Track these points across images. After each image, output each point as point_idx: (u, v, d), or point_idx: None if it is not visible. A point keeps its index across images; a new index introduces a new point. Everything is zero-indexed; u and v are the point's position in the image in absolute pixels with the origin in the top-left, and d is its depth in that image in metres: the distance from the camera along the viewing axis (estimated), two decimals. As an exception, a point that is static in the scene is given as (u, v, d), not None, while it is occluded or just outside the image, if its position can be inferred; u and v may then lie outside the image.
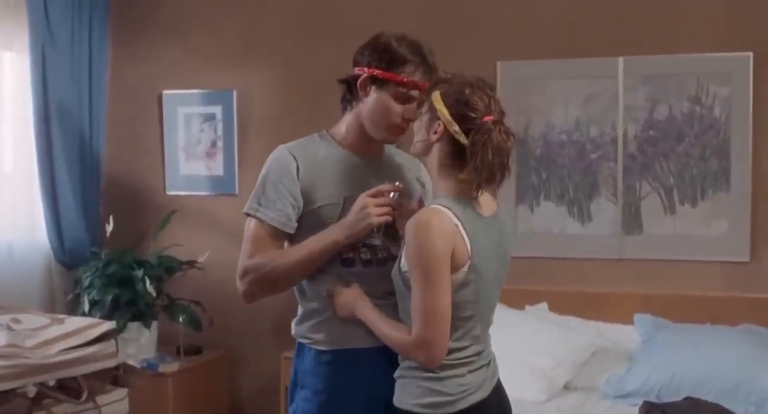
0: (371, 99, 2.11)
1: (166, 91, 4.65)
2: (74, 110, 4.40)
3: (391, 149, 2.29)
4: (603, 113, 3.99)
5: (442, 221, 1.92)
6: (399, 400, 2.03)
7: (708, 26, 3.87)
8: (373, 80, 2.10)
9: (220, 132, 4.57)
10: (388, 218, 2.06)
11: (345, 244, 2.08)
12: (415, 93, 2.09)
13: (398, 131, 2.13)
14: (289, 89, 4.47)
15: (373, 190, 2.07)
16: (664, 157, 3.92)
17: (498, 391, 2.10)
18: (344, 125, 2.20)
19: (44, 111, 4.25)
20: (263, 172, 2.17)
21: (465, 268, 1.93)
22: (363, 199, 2.06)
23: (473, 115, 1.95)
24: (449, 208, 1.94)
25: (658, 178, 3.94)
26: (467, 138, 1.94)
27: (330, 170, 2.14)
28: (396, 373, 2.05)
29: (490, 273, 2.00)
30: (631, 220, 3.97)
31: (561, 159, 4.06)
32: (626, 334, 3.78)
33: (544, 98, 4.06)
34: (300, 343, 2.21)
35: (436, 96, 1.99)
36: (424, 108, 2.03)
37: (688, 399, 3.15)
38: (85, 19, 4.45)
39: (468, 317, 1.98)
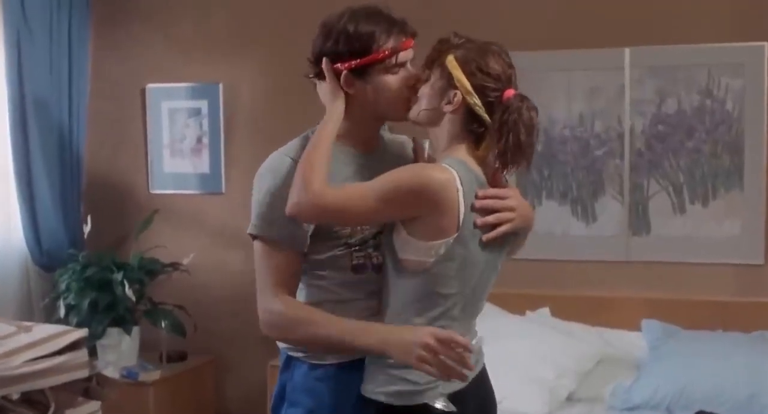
0: (365, 89, 1.93)
1: (149, 85, 4.56)
2: (52, 105, 4.28)
3: (384, 138, 2.11)
4: (608, 107, 3.91)
5: (451, 182, 1.78)
6: (365, 388, 1.90)
7: (719, 15, 3.78)
8: (356, 72, 1.92)
9: (205, 127, 4.48)
10: (431, 371, 1.78)
11: (376, 353, 1.85)
12: (403, 55, 1.92)
13: (409, 103, 1.94)
14: (277, 83, 4.36)
15: (445, 336, 1.76)
16: (674, 154, 3.84)
17: (480, 382, 1.95)
18: None
19: (20, 106, 4.14)
20: (264, 185, 1.92)
21: (450, 239, 1.78)
22: (429, 336, 1.75)
23: (494, 86, 1.84)
24: (456, 172, 1.80)
25: (666, 175, 3.85)
26: (488, 112, 1.83)
27: (337, 174, 1.92)
28: (366, 360, 1.91)
29: (483, 251, 1.84)
30: (639, 220, 3.88)
31: (564, 155, 3.98)
32: (633, 342, 3.70)
33: (546, 91, 3.96)
34: (289, 356, 2.01)
35: (451, 61, 1.84)
36: (435, 73, 1.87)
37: (700, 413, 3.09)
38: (64, 8, 4.31)
39: (449, 295, 1.83)
